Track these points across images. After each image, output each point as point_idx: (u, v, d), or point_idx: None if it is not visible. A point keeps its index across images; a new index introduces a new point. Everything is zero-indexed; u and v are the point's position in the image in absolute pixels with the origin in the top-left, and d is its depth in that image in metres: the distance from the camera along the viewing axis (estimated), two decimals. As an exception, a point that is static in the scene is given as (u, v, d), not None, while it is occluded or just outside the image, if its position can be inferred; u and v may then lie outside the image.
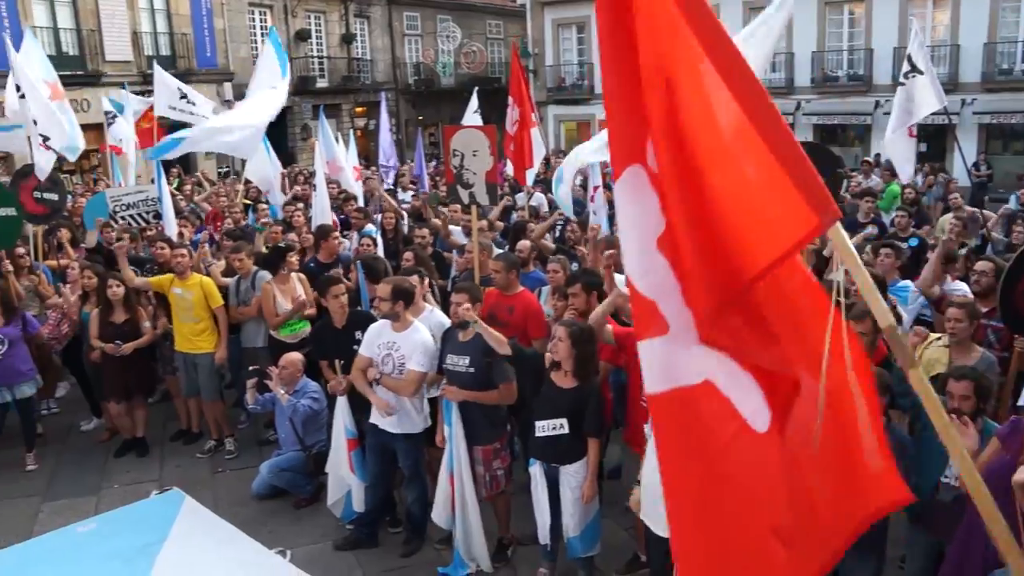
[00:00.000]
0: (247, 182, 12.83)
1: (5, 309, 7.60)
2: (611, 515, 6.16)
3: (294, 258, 8.10)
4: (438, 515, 6.05)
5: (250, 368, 7.30)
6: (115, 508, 6.97)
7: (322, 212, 9.75)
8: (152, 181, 11.15)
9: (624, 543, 6.10)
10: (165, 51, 24.21)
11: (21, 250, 8.85)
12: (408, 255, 7.71)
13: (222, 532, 6.55)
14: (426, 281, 6.83)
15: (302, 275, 8.02)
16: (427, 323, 6.16)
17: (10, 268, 8.27)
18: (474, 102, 15.29)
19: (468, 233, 8.49)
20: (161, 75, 12.32)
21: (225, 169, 23.91)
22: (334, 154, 11.73)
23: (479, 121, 15.34)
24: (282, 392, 6.88)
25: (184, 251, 7.83)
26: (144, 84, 17.39)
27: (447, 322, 6.26)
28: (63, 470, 7.92)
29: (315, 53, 30.21)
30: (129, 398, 8.00)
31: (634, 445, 5.86)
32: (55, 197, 9.11)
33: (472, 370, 5.71)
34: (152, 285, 7.86)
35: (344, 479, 6.54)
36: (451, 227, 9.64)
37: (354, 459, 6.41)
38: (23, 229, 9.08)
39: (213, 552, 6.30)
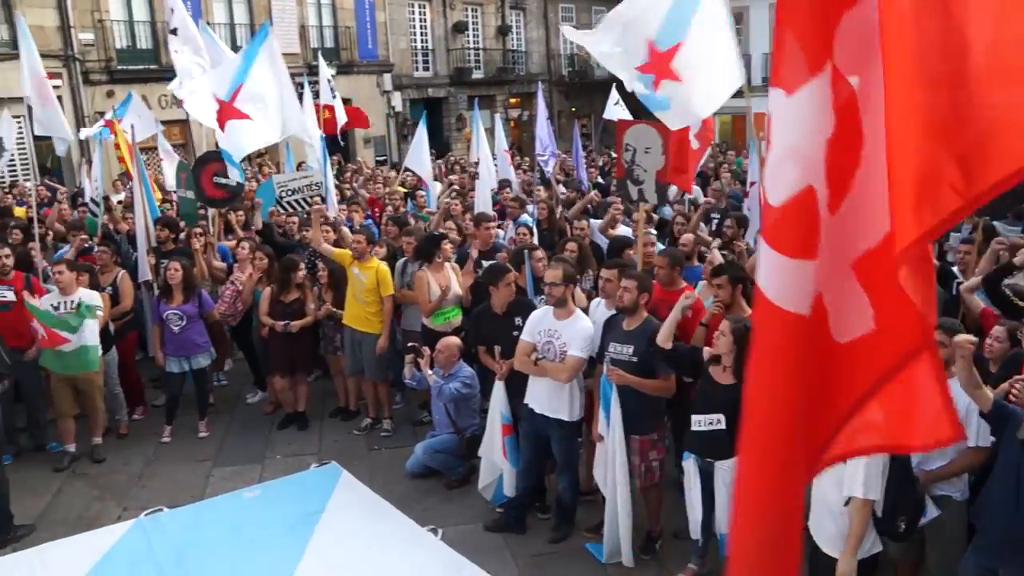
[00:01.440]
0: (405, 170, 13.21)
1: (186, 287, 8.10)
2: (764, 515, 5.99)
3: (448, 246, 8.26)
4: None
5: (408, 345, 7.52)
6: (278, 477, 7.45)
7: (483, 201, 9.87)
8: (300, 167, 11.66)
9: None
10: (329, 43, 25.17)
11: (199, 230, 9.42)
12: (571, 246, 7.74)
13: (377, 507, 6.84)
14: (588, 272, 6.85)
15: (455, 264, 8.17)
16: (596, 316, 6.17)
17: (197, 247, 8.84)
18: (614, 94, 15.17)
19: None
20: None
21: (383, 157, 24.69)
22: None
23: (622, 114, 15.23)
24: (429, 373, 7.05)
25: (362, 236, 8.07)
26: (310, 75, 18.14)
27: None
28: (231, 439, 8.39)
29: (471, 45, 30.71)
30: (293, 374, 8.40)
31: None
32: (233, 182, 9.59)
33: (635, 360, 5.68)
34: (334, 255, 8.15)
35: (496, 464, 6.63)
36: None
37: (507, 445, 6.48)
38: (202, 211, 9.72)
39: (368, 525, 6.59)
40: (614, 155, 16.44)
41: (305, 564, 6.05)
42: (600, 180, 14.58)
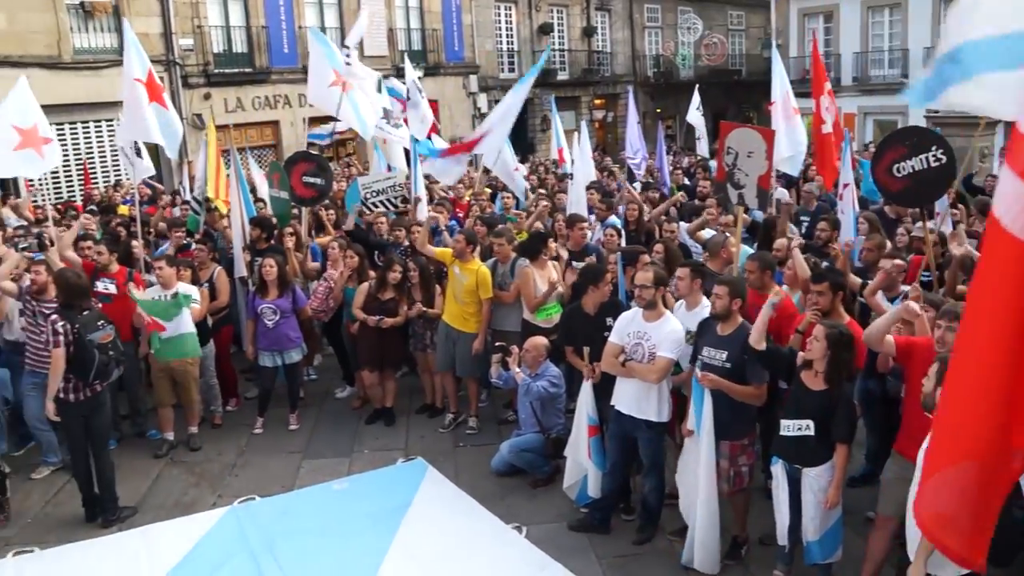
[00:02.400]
0: (486, 171, 13.32)
1: (280, 283, 8.34)
2: (851, 524, 5.87)
3: (553, 245, 8.31)
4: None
5: (496, 344, 7.59)
6: (365, 471, 7.60)
7: (578, 201, 9.87)
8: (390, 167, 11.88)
9: (863, 555, 5.83)
10: (416, 46, 25.53)
11: (290, 230, 9.67)
12: (659, 247, 7.71)
13: (462, 503, 6.93)
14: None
15: (555, 261, 8.20)
16: (698, 318, 6.15)
17: (290, 245, 9.07)
18: (696, 99, 15.01)
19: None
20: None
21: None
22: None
23: (700, 119, 15.06)
24: (517, 371, 7.10)
25: (463, 236, 8.21)
26: (398, 77, 18.46)
27: None
28: (320, 432, 8.58)
29: (557, 46, 30.77)
30: (381, 369, 8.55)
31: (907, 454, 5.55)
32: (321, 181, 9.83)
33: (728, 365, 5.64)
34: (436, 254, 8.29)
35: (581, 464, 6.63)
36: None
37: (592, 446, 6.48)
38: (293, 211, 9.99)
39: (453, 520, 6.68)
40: (698, 157, 16.35)
41: (391, 556, 6.18)
42: (686, 182, 14.43)
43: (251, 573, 6.03)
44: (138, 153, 10.07)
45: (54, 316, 6.63)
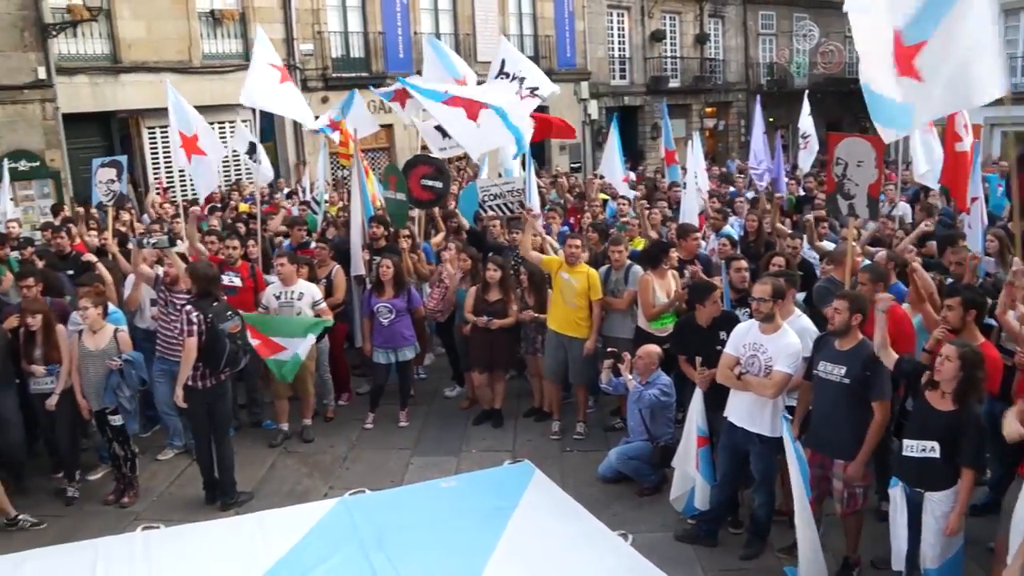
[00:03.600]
0: (601, 177, 13.31)
1: (396, 283, 8.53)
2: (973, 554, 5.65)
3: (674, 254, 8.28)
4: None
5: (608, 350, 7.59)
6: (473, 471, 7.69)
7: (690, 211, 9.78)
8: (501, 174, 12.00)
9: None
10: (528, 52, 25.64)
11: (405, 232, 9.87)
12: (778, 260, 7.60)
13: (568, 507, 6.93)
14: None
15: (674, 271, 8.14)
16: (793, 327, 6.04)
17: (405, 246, 9.28)
18: (806, 106, 14.66)
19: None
20: None
21: (577, 164, 24.93)
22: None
23: (811, 126, 14.68)
24: (629, 378, 7.09)
25: (578, 240, 8.26)
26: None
27: (812, 328, 6.13)
28: (429, 430, 8.74)
29: (668, 53, 30.51)
30: (491, 371, 8.65)
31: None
32: (439, 184, 9.99)
33: (847, 381, 5.51)
34: (543, 263, 8.33)
35: (690, 475, 6.57)
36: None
37: (701, 457, 6.42)
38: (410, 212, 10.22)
39: (559, 524, 6.69)
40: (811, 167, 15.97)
41: (497, 556, 6.22)
42: (801, 192, 14.13)
43: (361, 564, 6.18)
44: (251, 156, 10.53)
45: (188, 307, 6.95)
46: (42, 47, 15.35)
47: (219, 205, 13.81)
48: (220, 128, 17.74)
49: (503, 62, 11.26)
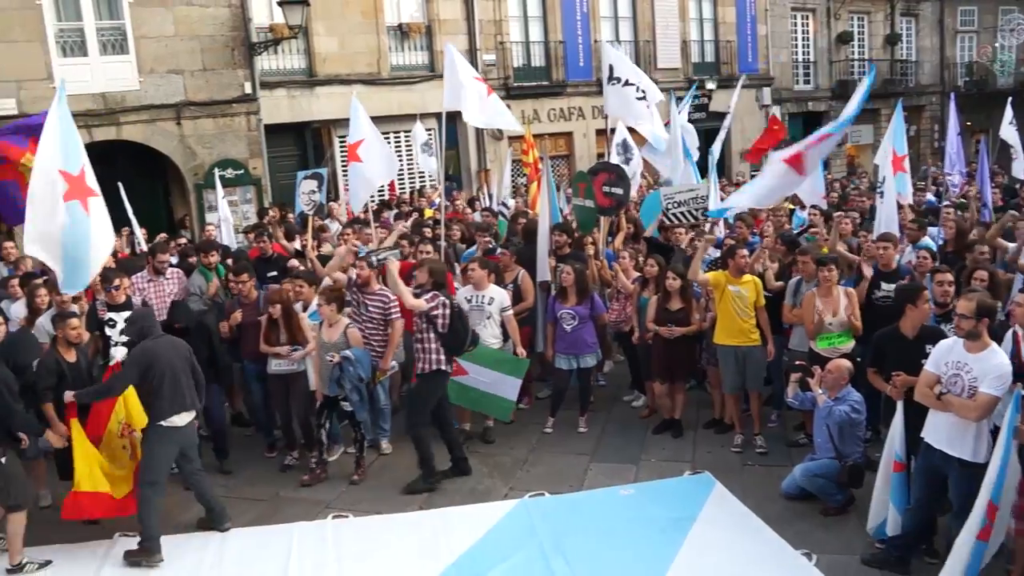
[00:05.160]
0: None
1: (579, 290, 8.62)
2: None
3: (835, 271, 7.91)
4: None
5: (795, 363, 7.38)
6: (652, 480, 7.66)
7: (888, 219, 9.34)
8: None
9: None
10: (709, 58, 25.33)
11: (589, 239, 9.98)
12: (981, 274, 7.18)
13: (749, 522, 6.80)
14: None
15: (849, 289, 7.83)
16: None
17: (591, 252, 9.36)
18: (1008, 113, 13.58)
19: None
20: None
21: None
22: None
23: (1015, 134, 13.56)
24: (819, 392, 6.87)
25: (744, 252, 8.13)
26: (686, 90, 18.51)
27: None
28: (608, 437, 8.76)
29: (856, 55, 29.27)
30: (672, 381, 8.58)
31: None
32: (620, 191, 10.04)
33: None
34: (709, 280, 8.22)
35: (887, 502, 6.25)
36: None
37: (894, 482, 6.13)
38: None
39: (740, 539, 6.58)
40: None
41: (676, 567, 6.21)
42: (1001, 203, 13.18)
43: (540, 565, 6.30)
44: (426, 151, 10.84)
45: (431, 293, 7.53)
46: (248, 64, 16.51)
47: (401, 212, 14.32)
48: (407, 136, 18.53)
49: (611, 68, 11.23)
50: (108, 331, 7.93)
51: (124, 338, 7.63)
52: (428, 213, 14.06)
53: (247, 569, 6.53)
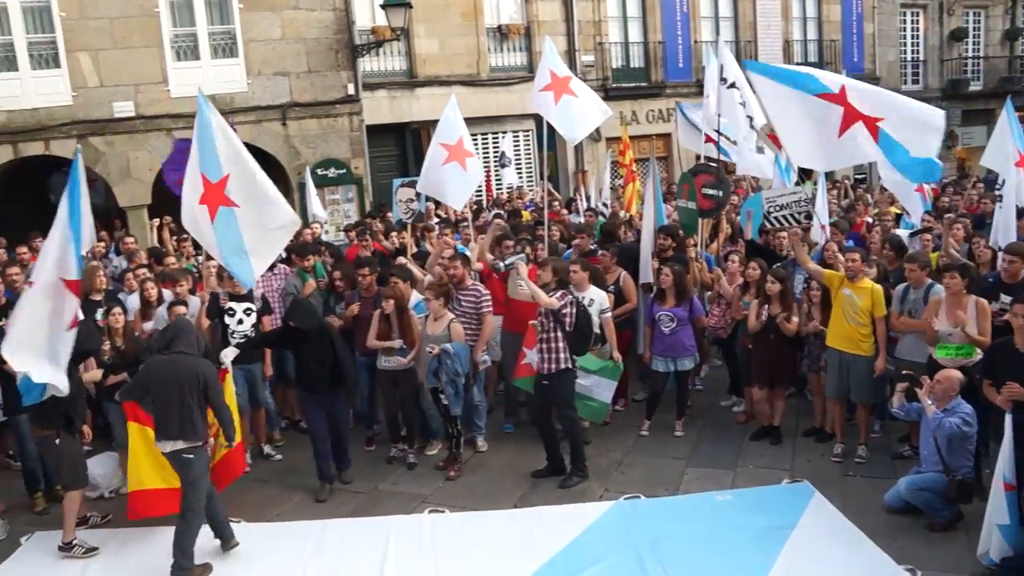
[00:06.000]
0: (882, 189, 12.65)
1: (678, 292, 8.58)
2: None
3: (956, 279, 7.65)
4: None
5: (903, 372, 7.18)
6: (749, 486, 7.57)
7: (1007, 227, 8.94)
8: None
9: None
10: (813, 58, 24.73)
11: (691, 241, 9.93)
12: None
13: (849, 534, 6.67)
14: None
15: (982, 301, 7.39)
16: None
17: (693, 255, 9.30)
18: None
19: None
20: None
21: (862, 176, 23.71)
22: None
23: None
24: (928, 403, 6.65)
25: (857, 255, 7.91)
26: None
27: None
28: (704, 442, 8.68)
29: (970, 53, 28.16)
30: (771, 387, 8.46)
31: None
32: (719, 193, 9.93)
33: None
34: (824, 277, 8.07)
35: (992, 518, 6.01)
36: None
37: (1001, 502, 5.87)
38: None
39: (839, 550, 6.46)
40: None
41: (773, 576, 6.11)
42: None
43: (635, 567, 6.31)
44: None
45: (560, 293, 7.67)
46: (351, 66, 16.96)
47: (502, 212, 14.45)
48: (504, 136, 18.67)
49: (721, 68, 11.10)
50: (227, 320, 8.39)
51: (243, 328, 8.25)
52: (525, 216, 14.15)
53: (346, 559, 6.72)
